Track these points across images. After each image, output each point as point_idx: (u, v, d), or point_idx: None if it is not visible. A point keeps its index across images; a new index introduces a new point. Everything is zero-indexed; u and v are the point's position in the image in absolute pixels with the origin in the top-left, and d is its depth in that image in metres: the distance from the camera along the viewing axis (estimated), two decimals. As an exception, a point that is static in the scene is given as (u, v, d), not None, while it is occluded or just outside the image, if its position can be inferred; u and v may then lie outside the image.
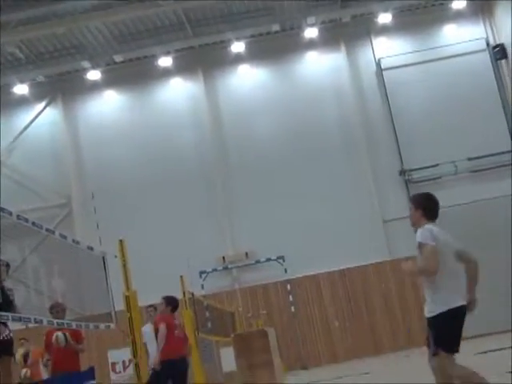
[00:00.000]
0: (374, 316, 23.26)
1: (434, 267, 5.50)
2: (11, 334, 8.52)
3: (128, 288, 11.47)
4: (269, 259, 23.39)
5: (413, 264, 5.77)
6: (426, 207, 6.00)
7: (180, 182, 24.24)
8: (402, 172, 24.21)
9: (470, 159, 23.77)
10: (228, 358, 15.76)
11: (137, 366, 11.13)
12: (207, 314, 16.92)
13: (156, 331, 9.88)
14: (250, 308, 22.13)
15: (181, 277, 15.62)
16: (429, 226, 5.78)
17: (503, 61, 24.44)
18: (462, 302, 5.65)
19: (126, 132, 24.92)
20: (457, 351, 5.60)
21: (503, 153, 23.88)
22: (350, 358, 22.22)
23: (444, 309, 5.51)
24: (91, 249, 11.34)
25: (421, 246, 5.60)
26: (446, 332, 5.54)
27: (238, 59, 25.13)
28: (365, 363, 18.93)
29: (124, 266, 11.60)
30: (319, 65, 25.21)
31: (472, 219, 22.91)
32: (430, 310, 5.65)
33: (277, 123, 24.84)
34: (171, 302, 10.35)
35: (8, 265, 8.25)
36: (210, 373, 16.82)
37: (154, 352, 11.99)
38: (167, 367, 9.24)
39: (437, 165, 23.72)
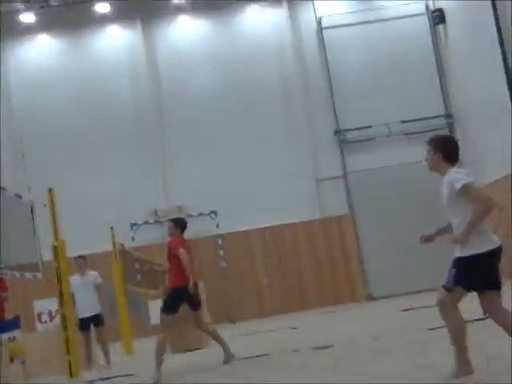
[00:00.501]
0: (302, 273, 23.62)
1: (489, 198, 5.32)
2: None
3: (56, 238, 11.33)
4: (201, 213, 23.37)
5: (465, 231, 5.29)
6: (447, 150, 5.66)
7: (114, 131, 23.84)
8: (337, 132, 24.40)
9: (403, 122, 24.11)
10: (156, 311, 15.76)
11: (63, 316, 11.06)
12: (137, 266, 16.82)
13: (170, 256, 9.32)
14: (181, 261, 22.10)
15: (111, 228, 15.50)
16: (455, 169, 5.53)
17: (441, 25, 24.66)
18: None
19: (60, 78, 24.22)
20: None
21: (436, 117, 24.33)
22: (277, 313, 22.55)
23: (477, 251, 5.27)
24: (19, 197, 11.12)
25: (464, 189, 5.29)
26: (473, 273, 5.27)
27: (179, 10, 24.69)
28: (292, 318, 19.23)
29: (53, 215, 11.44)
30: (261, 20, 24.98)
31: (404, 181, 23.39)
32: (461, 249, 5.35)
33: (215, 77, 24.59)
34: (180, 224, 9.89)
35: None
36: (137, 324, 16.83)
37: (82, 302, 11.94)
38: (183, 291, 8.90)
39: (370, 126, 23.98)
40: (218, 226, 23.27)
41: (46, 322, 19.66)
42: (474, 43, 22.31)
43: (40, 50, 24.62)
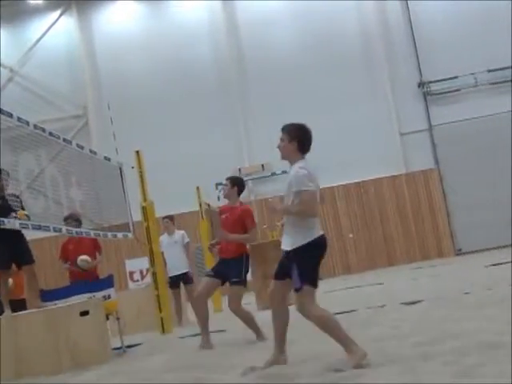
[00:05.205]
0: (388, 229, 23.44)
1: (313, 212, 5.40)
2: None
3: (145, 199, 11.61)
4: (285, 171, 23.37)
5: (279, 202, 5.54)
6: (303, 139, 5.49)
7: (197, 93, 24.04)
8: (421, 84, 23.86)
9: (490, 71, 23.34)
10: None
11: (154, 274, 11.39)
12: (223, 225, 17.08)
13: (237, 220, 7.99)
14: (266, 220, 22.30)
15: (197, 188, 15.74)
16: (302, 165, 5.40)
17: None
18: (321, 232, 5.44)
19: (141, 42, 24.58)
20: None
21: (524, 65, 23.46)
22: (363, 269, 22.53)
23: (307, 240, 5.29)
24: (108, 159, 11.41)
25: (299, 192, 5.29)
26: (310, 265, 5.31)
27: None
28: (378, 275, 19.19)
29: (141, 176, 11.71)
30: None
31: (491, 132, 22.75)
32: (292, 242, 5.36)
33: (296, 33, 24.43)
34: (238, 183, 8.36)
35: (8, 174, 8.25)
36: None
37: (171, 261, 12.24)
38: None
39: (456, 77, 23.34)
40: (301, 183, 23.30)
41: (137, 280, 20.30)
42: None
43: (123, 15, 25.02)
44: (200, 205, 15.78)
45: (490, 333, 5.71)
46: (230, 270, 7.81)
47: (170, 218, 12.69)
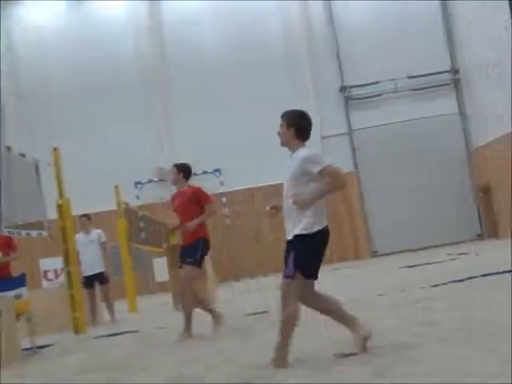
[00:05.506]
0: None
1: (345, 178, 5.30)
2: None
3: (61, 196, 11.34)
4: (205, 172, 23.36)
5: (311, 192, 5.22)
6: (300, 126, 5.51)
7: (117, 89, 23.72)
8: (343, 88, 24.22)
9: (410, 77, 23.91)
10: (161, 269, 15.87)
11: (69, 274, 11.13)
12: (141, 224, 16.89)
13: (189, 200, 8.13)
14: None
15: (116, 186, 15.49)
16: (308, 149, 5.34)
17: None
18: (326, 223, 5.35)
19: (61, 37, 24.16)
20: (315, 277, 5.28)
21: (442, 72, 24.13)
22: (280, 270, 22.66)
23: (308, 231, 5.18)
24: (23, 155, 11.08)
25: (322, 169, 5.17)
26: (308, 254, 5.18)
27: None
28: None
29: (57, 174, 11.42)
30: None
31: (410, 137, 23.36)
32: (294, 231, 5.28)
33: (221, 34, 24.40)
34: (184, 169, 8.50)
35: None
36: (141, 282, 16.94)
37: (86, 260, 12.01)
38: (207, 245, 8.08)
39: (377, 82, 23.81)
40: (222, 183, 23.30)
41: (51, 279, 19.83)
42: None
43: (45, 7, 24.43)
44: (118, 204, 15.54)
45: (402, 333, 5.81)
46: (187, 252, 7.92)
47: (88, 216, 12.48)
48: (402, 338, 5.50)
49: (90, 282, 12.00)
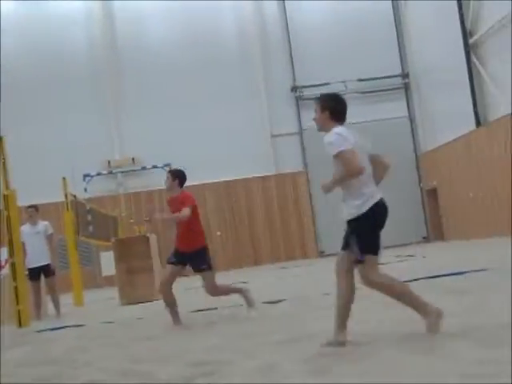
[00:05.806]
0: (255, 228, 23.76)
1: (358, 167, 5.19)
2: None
3: (7, 187, 11.15)
4: (155, 166, 23.25)
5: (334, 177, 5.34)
6: (335, 109, 5.44)
7: (68, 80, 23.44)
8: (294, 88, 24.38)
9: (360, 80, 24.19)
10: (108, 263, 15.75)
11: (13, 265, 10.95)
12: (89, 217, 16.72)
13: (180, 207, 8.22)
14: (134, 214, 22.04)
15: (63, 178, 15.31)
16: (337, 129, 5.26)
17: (401, -14, 24.69)
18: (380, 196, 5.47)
19: (13, 25, 23.66)
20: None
21: (393, 76, 24.50)
22: (229, 267, 22.71)
23: (362, 210, 5.30)
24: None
25: (337, 155, 5.18)
26: (369, 234, 5.30)
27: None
28: (243, 273, 19.38)
29: (3, 164, 11.23)
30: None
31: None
32: (350, 212, 5.37)
33: (172, 29, 24.29)
34: (179, 175, 8.59)
35: None
36: (88, 275, 16.77)
37: (32, 252, 11.83)
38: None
39: (328, 83, 24.01)
40: (172, 179, 23.21)
41: (-5, 270, 19.45)
42: (432, 5, 22.37)
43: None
44: (66, 196, 15.35)
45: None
46: (195, 260, 8.33)
47: (35, 207, 12.29)
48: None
49: (35, 274, 11.82)
